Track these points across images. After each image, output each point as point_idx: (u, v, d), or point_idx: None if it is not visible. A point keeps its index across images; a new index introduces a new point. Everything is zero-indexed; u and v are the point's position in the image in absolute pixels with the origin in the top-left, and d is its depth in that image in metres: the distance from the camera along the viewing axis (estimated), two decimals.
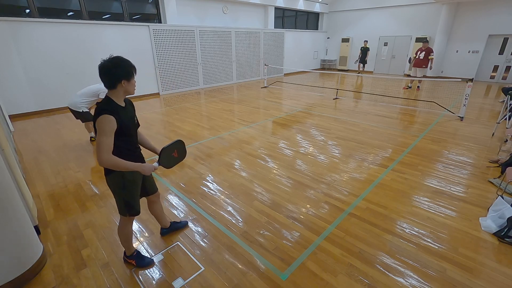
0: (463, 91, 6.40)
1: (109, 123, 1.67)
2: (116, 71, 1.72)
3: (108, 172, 1.88)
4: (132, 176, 1.94)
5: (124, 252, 2.21)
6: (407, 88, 10.13)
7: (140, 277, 2.08)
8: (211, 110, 7.24)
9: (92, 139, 5.11)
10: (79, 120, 4.71)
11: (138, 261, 2.18)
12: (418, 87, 10.09)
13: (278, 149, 4.60)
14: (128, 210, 2.01)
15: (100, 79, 1.75)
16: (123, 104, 1.84)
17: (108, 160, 1.68)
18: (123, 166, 1.74)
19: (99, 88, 4.37)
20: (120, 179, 1.91)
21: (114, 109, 1.73)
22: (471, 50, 11.72)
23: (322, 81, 12.51)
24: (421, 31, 12.90)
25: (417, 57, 9.25)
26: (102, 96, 4.29)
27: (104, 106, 1.72)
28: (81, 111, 4.48)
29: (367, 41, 13.30)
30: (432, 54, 9.01)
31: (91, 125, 4.57)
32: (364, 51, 13.08)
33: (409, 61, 9.96)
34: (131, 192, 1.99)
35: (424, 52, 9.05)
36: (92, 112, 4.56)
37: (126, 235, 2.10)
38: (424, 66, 9.15)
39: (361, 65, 13.53)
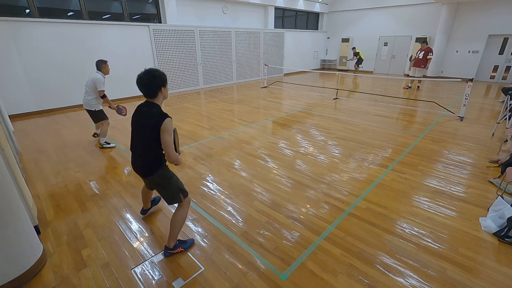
0: (463, 91, 6.40)
1: (172, 125, 2.00)
2: (154, 80, 2.00)
3: (158, 167, 2.11)
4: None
5: (166, 247, 2.25)
6: (407, 88, 10.13)
7: (140, 277, 2.08)
8: (211, 110, 7.24)
9: (95, 135, 5.16)
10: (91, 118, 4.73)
11: (184, 246, 2.31)
12: (418, 87, 10.09)
13: (278, 149, 4.60)
14: (184, 193, 2.23)
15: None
16: None
17: (174, 155, 1.99)
18: (179, 160, 2.03)
19: (93, 79, 4.24)
20: (169, 170, 2.21)
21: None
22: (471, 50, 11.73)
23: (322, 81, 12.52)
24: (421, 31, 12.90)
25: (417, 56, 9.27)
26: (99, 87, 4.24)
27: (163, 111, 2.01)
28: (94, 109, 4.47)
29: (355, 47, 13.54)
30: (431, 54, 9.01)
31: (104, 124, 4.60)
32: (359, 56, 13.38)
33: (410, 59, 9.97)
34: (178, 178, 2.26)
35: (423, 52, 9.07)
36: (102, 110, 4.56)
37: (182, 221, 2.24)
38: (423, 66, 9.17)
39: (356, 66, 13.77)
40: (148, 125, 1.97)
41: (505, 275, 2.09)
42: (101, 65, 4.33)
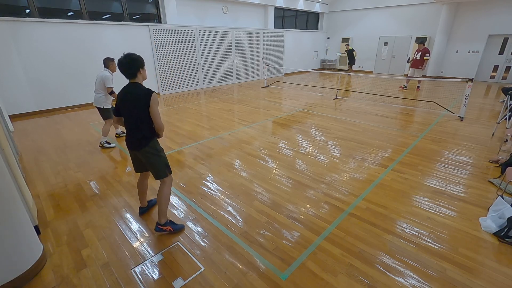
0: (463, 91, 6.41)
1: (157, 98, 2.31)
2: (133, 63, 2.24)
3: (149, 140, 2.33)
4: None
5: (157, 223, 2.49)
6: (403, 88, 10.14)
7: (140, 277, 2.08)
8: (211, 110, 7.24)
9: (117, 135, 5.23)
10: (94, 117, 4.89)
11: (173, 226, 2.53)
12: (418, 87, 10.08)
13: (278, 149, 4.60)
14: (169, 169, 2.50)
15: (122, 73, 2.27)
16: None
17: (162, 124, 2.33)
18: (163, 128, 2.39)
19: (102, 77, 4.35)
20: (158, 144, 2.43)
21: None
22: (471, 50, 11.73)
23: (322, 81, 12.51)
24: (421, 31, 12.90)
25: (414, 57, 9.28)
26: (108, 84, 4.34)
27: (146, 88, 2.28)
28: (102, 107, 4.52)
29: (348, 44, 13.13)
30: (428, 55, 9.00)
31: (107, 124, 4.62)
32: (350, 53, 12.84)
33: (408, 61, 9.99)
34: (165, 155, 2.51)
35: (420, 53, 9.07)
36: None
37: (167, 197, 2.48)
38: (421, 67, 9.18)
39: (350, 67, 13.44)
40: (139, 105, 2.23)
41: (505, 275, 2.09)
42: (109, 63, 4.44)
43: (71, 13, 7.49)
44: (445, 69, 12.58)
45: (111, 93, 4.39)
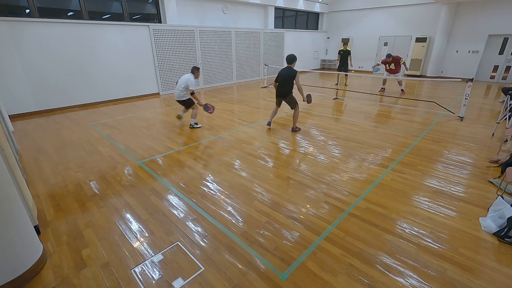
0: (463, 91, 6.40)
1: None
2: (292, 58, 5.04)
3: (291, 93, 5.19)
4: None
5: (292, 128, 5.41)
6: (382, 91, 9.57)
7: (140, 277, 2.08)
8: None
9: (179, 117, 6.08)
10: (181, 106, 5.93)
11: (299, 128, 5.49)
12: (402, 90, 9.31)
13: (278, 149, 4.60)
14: (297, 103, 5.30)
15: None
16: None
17: (302, 88, 5.11)
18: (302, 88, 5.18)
19: (186, 81, 5.36)
20: (293, 96, 5.26)
21: None
22: (471, 50, 11.72)
23: (322, 81, 12.51)
24: (421, 31, 12.90)
25: (389, 68, 9.01)
26: (192, 87, 5.34)
27: (295, 69, 5.00)
28: (185, 99, 5.56)
29: (346, 43, 10.34)
30: (402, 60, 8.82)
31: (195, 108, 5.70)
32: (344, 55, 10.26)
33: (373, 67, 9.34)
34: (295, 98, 5.30)
35: (393, 63, 8.85)
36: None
37: (298, 114, 5.41)
38: (398, 72, 9.05)
39: (344, 74, 10.54)
40: (290, 76, 4.97)
41: (505, 275, 2.09)
42: (195, 71, 5.45)
43: (71, 13, 7.49)
44: (445, 69, 12.58)
45: (192, 93, 5.40)
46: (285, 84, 5.01)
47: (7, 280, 1.93)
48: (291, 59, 4.97)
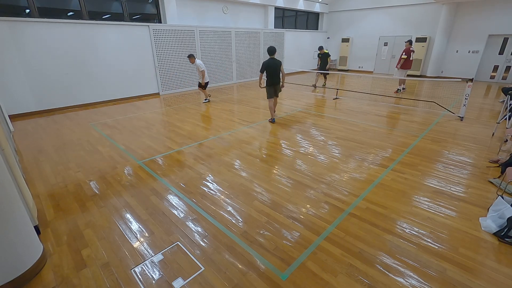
0: (463, 91, 6.41)
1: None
2: (274, 49, 5.53)
3: (280, 80, 5.93)
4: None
5: (273, 119, 6.08)
6: (398, 91, 9.52)
7: (140, 277, 2.08)
8: (211, 110, 7.25)
9: (204, 101, 8.04)
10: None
11: (272, 120, 6.10)
12: (397, 90, 9.32)
13: (278, 149, 4.60)
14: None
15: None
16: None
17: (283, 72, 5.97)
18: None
19: (198, 65, 7.50)
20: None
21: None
22: (471, 50, 11.72)
23: (322, 81, 12.47)
24: (421, 31, 12.90)
25: (412, 59, 9.08)
26: (202, 68, 7.54)
27: (278, 60, 5.69)
28: (199, 82, 7.73)
29: (323, 48, 10.35)
30: (404, 54, 8.80)
31: (206, 92, 8.09)
32: (324, 57, 10.22)
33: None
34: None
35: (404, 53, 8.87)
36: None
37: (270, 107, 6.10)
38: (398, 66, 9.04)
39: (322, 76, 10.78)
40: (278, 65, 5.59)
41: (505, 275, 2.09)
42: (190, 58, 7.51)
43: (71, 13, 7.49)
44: (445, 69, 12.58)
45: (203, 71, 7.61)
46: (275, 73, 5.67)
47: (7, 280, 1.93)
48: (274, 50, 5.51)
